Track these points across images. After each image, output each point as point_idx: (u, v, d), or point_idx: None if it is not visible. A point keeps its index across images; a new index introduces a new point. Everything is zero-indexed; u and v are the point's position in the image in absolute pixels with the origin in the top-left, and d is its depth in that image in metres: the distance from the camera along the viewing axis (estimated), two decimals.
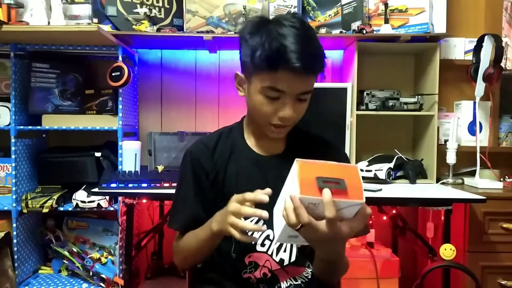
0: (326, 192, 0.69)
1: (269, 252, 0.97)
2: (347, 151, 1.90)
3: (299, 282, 0.98)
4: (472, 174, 1.99)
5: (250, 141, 1.04)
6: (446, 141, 2.01)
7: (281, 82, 0.88)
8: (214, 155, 1.02)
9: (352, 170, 0.75)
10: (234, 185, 0.98)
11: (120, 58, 1.87)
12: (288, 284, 0.97)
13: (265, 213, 0.79)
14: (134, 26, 1.92)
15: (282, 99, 0.90)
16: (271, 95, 0.90)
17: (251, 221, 0.94)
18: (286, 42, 0.85)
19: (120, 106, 1.90)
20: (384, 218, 2.04)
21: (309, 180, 0.71)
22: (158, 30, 1.94)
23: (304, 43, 0.86)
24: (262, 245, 0.97)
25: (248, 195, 0.82)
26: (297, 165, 0.73)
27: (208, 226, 0.91)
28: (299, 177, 0.72)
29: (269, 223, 0.96)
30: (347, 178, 0.73)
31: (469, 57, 2.11)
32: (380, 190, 1.63)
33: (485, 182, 1.88)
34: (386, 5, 1.93)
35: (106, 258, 1.96)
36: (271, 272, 0.97)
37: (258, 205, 0.89)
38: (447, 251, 1.52)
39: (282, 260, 0.97)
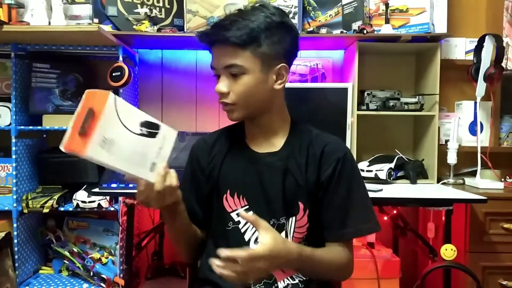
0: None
1: None
2: None
3: (296, 281, 0.97)
4: (473, 174, 1.99)
5: (249, 139, 1.04)
6: (447, 141, 2.01)
7: (212, 59, 0.95)
8: (212, 151, 1.04)
9: (100, 100, 0.71)
10: (228, 182, 1.00)
11: (121, 58, 1.87)
12: (286, 284, 0.97)
13: None
14: (134, 26, 1.92)
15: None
16: (214, 74, 0.97)
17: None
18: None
19: None
20: (385, 218, 2.04)
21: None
22: (159, 30, 1.94)
23: (225, 18, 0.93)
24: (256, 242, 0.96)
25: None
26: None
27: None
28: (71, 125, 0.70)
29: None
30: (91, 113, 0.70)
31: (470, 57, 2.11)
32: (381, 190, 1.63)
33: (486, 182, 1.88)
34: (386, 5, 1.93)
35: (106, 258, 1.96)
36: None
37: (254, 207, 0.97)
38: (448, 252, 1.52)
39: None
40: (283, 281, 0.97)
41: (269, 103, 0.98)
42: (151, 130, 0.80)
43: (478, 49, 2.01)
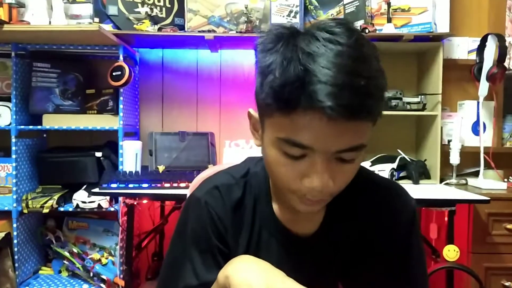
0: None
1: None
2: None
3: None
4: (476, 174, 1.98)
5: (276, 207, 0.72)
6: (449, 141, 2.00)
7: (304, 132, 0.55)
8: (234, 219, 0.72)
9: None
10: None
11: (121, 58, 1.86)
12: None
13: None
14: (135, 26, 1.91)
15: (310, 158, 0.57)
16: (291, 153, 0.57)
17: None
18: (313, 66, 0.52)
19: (121, 106, 1.89)
20: None
21: None
22: (159, 29, 1.93)
23: (347, 70, 0.52)
24: None
25: None
26: None
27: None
28: None
29: None
30: None
31: (473, 56, 2.10)
32: None
33: (489, 182, 1.87)
34: (389, 4, 1.92)
35: (106, 258, 1.95)
36: None
37: None
38: (451, 252, 1.51)
39: None
40: None
41: None
42: None
43: (480, 49, 2.00)
